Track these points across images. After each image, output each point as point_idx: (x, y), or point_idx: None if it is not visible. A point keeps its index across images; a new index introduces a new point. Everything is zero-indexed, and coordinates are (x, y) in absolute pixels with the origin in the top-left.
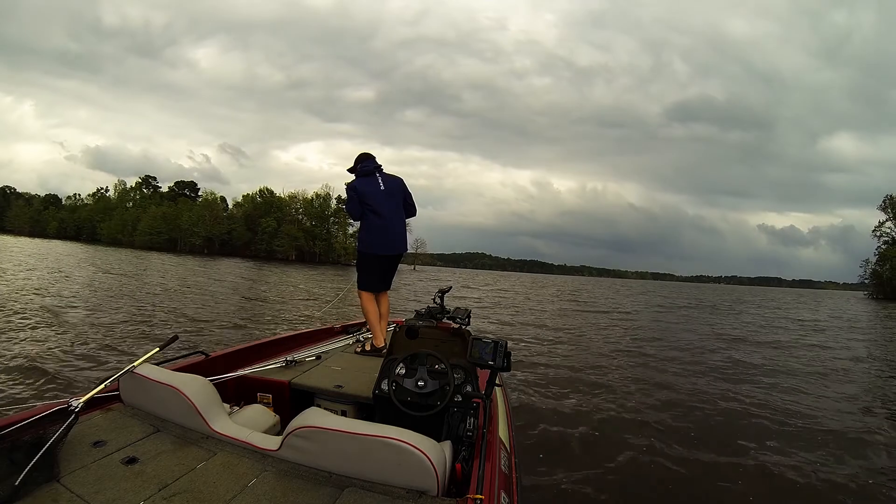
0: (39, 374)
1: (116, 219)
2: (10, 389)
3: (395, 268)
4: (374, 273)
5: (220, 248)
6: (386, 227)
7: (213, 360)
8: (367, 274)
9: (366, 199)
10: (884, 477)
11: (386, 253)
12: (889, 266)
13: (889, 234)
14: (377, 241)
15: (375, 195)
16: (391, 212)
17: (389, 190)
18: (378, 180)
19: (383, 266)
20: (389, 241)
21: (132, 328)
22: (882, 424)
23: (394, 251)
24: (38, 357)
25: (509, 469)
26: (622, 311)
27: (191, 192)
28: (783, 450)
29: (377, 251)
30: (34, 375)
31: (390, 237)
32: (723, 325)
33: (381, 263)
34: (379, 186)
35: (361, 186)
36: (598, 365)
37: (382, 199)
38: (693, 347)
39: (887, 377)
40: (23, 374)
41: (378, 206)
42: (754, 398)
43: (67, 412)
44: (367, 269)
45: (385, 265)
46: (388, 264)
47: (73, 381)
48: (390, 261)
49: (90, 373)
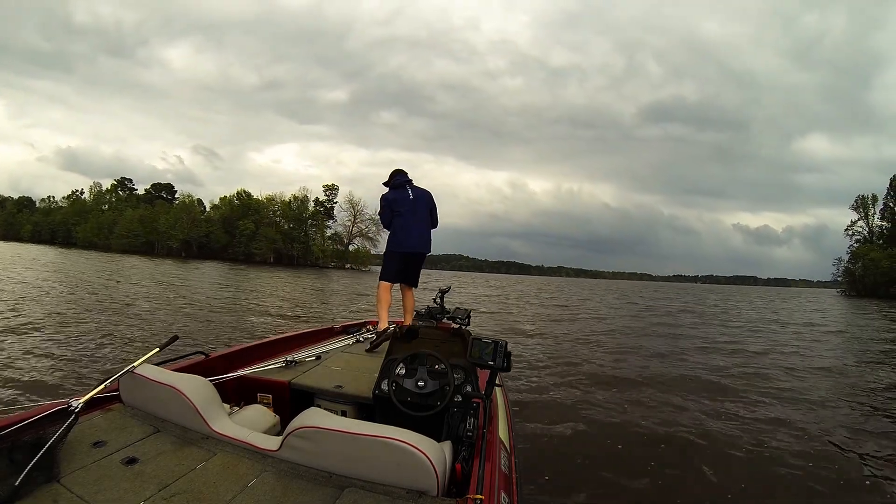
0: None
1: (92, 222)
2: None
3: (418, 266)
4: (393, 266)
5: (198, 251)
6: (409, 227)
7: (213, 361)
8: (387, 266)
9: (394, 205)
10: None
11: (406, 250)
12: (861, 264)
13: (861, 234)
14: (399, 240)
15: (404, 202)
16: (415, 216)
17: (417, 199)
18: (408, 191)
19: (405, 261)
20: (411, 240)
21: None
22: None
23: (414, 249)
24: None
25: (509, 469)
26: (616, 313)
27: (167, 194)
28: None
29: (398, 248)
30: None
31: (412, 237)
32: (721, 328)
33: (402, 259)
34: (408, 196)
35: (392, 196)
36: (599, 365)
37: (409, 206)
38: (690, 348)
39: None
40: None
41: (404, 211)
42: (757, 398)
43: (67, 412)
44: (388, 262)
45: (406, 261)
46: (409, 261)
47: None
48: (412, 258)
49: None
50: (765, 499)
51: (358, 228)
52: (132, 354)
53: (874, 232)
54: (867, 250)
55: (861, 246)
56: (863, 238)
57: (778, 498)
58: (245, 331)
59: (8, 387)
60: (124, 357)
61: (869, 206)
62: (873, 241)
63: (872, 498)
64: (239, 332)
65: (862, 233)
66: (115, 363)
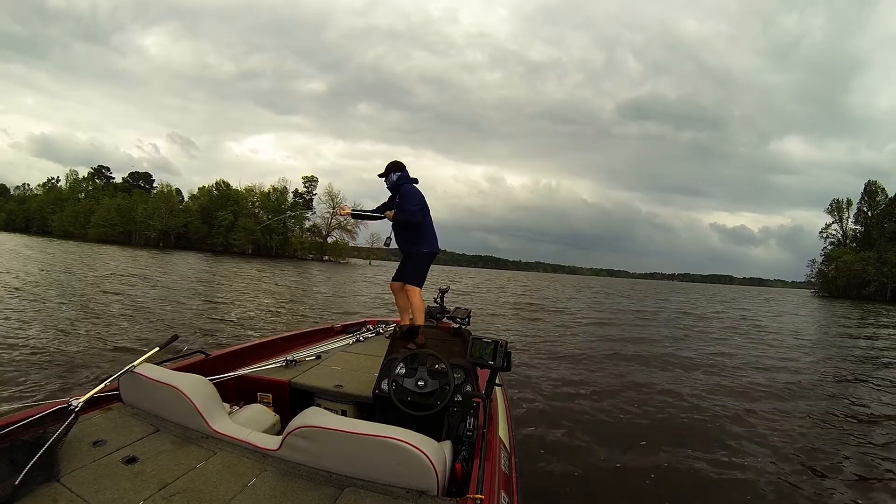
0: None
1: (68, 210)
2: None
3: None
4: (428, 268)
5: (176, 241)
6: (433, 226)
7: (213, 360)
8: (426, 270)
9: (424, 204)
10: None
11: (438, 251)
12: (834, 266)
13: (835, 236)
14: (435, 241)
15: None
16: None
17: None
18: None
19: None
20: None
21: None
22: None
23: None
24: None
25: (509, 469)
26: (607, 311)
27: (145, 183)
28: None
29: (437, 249)
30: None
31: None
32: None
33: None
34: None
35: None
36: (599, 366)
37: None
38: (686, 348)
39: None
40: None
41: (427, 210)
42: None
43: (67, 412)
44: (427, 264)
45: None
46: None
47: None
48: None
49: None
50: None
51: (336, 221)
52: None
53: (848, 235)
54: (841, 253)
55: (835, 248)
56: (837, 241)
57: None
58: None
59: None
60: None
61: (843, 210)
62: (847, 244)
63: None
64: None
65: (836, 235)
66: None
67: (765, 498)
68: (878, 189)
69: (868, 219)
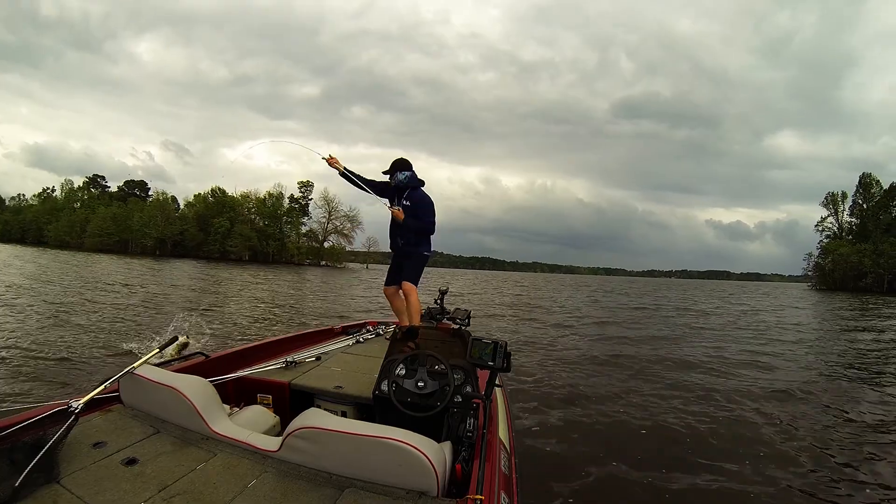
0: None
1: (64, 220)
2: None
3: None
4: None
5: (172, 249)
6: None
7: (213, 361)
8: (422, 270)
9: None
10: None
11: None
12: (830, 259)
13: (830, 230)
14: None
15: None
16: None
17: None
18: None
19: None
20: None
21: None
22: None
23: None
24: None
25: (509, 469)
26: (605, 309)
27: (141, 191)
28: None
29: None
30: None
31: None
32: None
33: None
34: None
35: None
36: (599, 365)
37: None
38: (686, 347)
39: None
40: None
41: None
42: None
43: (67, 413)
44: (423, 265)
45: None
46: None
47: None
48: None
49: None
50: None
51: (333, 225)
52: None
53: (843, 228)
54: (836, 246)
55: (831, 241)
56: (832, 234)
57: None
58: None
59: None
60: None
61: (839, 203)
62: (842, 236)
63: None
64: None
65: (832, 229)
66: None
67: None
68: (872, 181)
69: (863, 211)
